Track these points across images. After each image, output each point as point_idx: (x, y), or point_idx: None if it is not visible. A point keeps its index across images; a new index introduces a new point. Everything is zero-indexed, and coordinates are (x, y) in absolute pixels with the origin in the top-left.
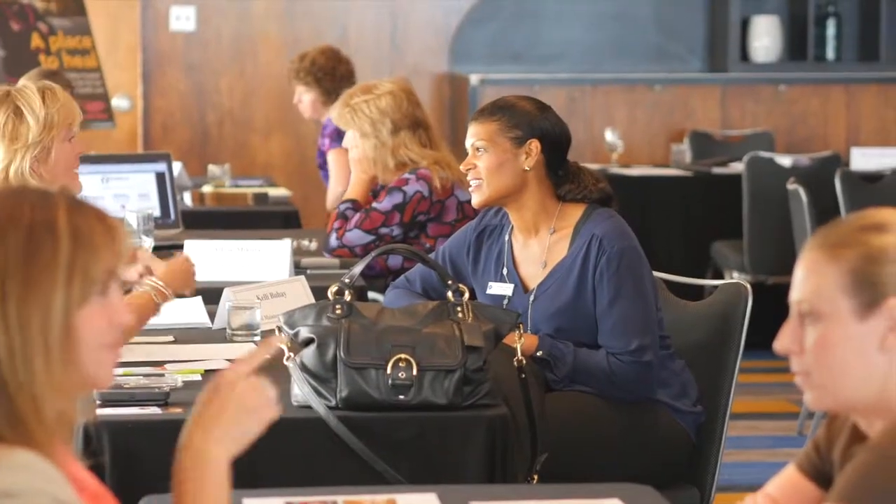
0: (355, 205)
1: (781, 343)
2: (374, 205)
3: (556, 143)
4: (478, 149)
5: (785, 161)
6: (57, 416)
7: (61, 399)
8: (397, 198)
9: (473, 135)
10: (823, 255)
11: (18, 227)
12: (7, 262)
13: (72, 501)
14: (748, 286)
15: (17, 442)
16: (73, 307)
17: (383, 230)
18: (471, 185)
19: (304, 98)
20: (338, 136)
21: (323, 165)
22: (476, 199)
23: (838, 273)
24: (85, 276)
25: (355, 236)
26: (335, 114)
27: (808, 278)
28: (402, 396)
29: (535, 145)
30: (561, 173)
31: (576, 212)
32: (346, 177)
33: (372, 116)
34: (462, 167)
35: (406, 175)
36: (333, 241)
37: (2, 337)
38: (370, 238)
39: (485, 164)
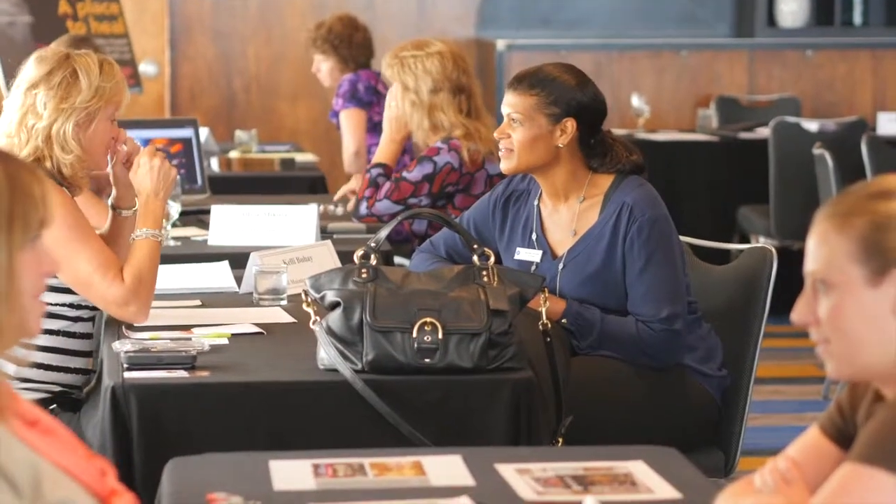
0: (386, 170)
1: (798, 314)
2: (405, 174)
3: (591, 118)
4: (513, 119)
5: (811, 126)
6: None
7: (2, 344)
8: (427, 168)
9: (510, 105)
10: (832, 224)
11: None
12: None
13: (14, 463)
14: (773, 250)
15: None
16: (14, 251)
17: (412, 200)
18: (501, 151)
19: (322, 66)
20: (351, 96)
21: (339, 126)
22: (504, 166)
23: (847, 242)
24: (24, 223)
25: (385, 206)
26: (384, 64)
27: (819, 248)
28: (427, 360)
29: (570, 124)
30: (593, 142)
31: (606, 180)
32: (358, 136)
33: (416, 72)
34: (496, 135)
35: (438, 144)
36: (363, 209)
37: None
38: (399, 208)
39: (518, 137)
